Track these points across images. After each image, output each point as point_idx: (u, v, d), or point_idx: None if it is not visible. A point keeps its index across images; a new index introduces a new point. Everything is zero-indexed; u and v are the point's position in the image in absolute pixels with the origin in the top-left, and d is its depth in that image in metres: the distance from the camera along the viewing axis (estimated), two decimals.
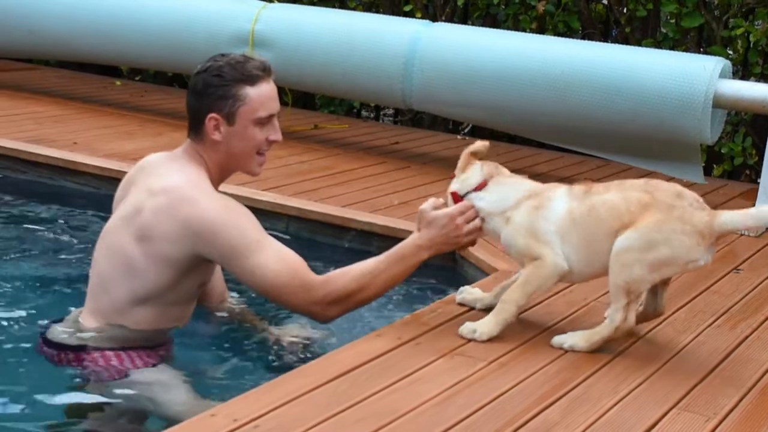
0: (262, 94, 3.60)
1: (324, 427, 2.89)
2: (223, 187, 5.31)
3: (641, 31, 7.41)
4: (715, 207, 5.76)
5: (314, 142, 7.00)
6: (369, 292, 3.63)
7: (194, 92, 3.64)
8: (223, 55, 3.65)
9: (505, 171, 3.78)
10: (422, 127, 8.10)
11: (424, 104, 6.64)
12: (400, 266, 3.65)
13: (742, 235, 5.34)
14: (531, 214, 3.56)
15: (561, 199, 3.57)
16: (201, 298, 3.93)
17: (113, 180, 5.60)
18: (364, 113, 8.67)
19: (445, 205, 3.73)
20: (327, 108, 8.42)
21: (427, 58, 6.37)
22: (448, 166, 6.47)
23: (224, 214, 3.53)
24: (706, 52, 6.87)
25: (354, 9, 8.12)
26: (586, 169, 6.74)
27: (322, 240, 5.27)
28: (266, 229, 5.27)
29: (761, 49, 6.88)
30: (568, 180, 6.32)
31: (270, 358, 3.85)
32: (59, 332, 3.70)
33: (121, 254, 3.62)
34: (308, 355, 3.83)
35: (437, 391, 3.18)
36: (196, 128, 3.65)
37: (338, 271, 3.64)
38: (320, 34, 6.70)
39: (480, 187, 3.69)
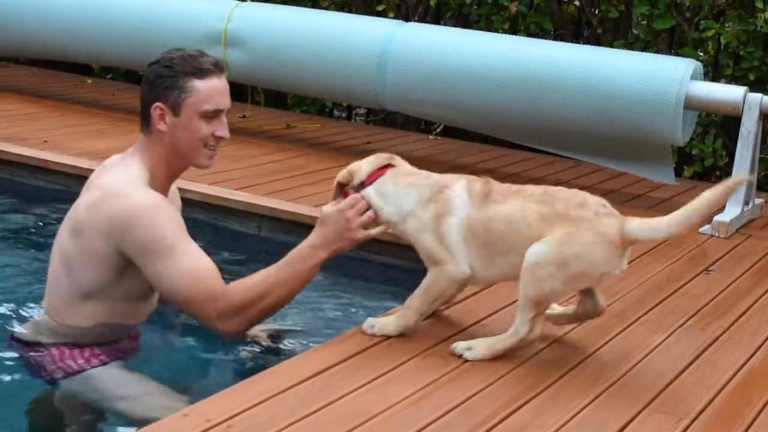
0: (210, 88, 3.58)
1: (298, 427, 2.89)
2: (195, 185, 5.34)
3: (613, 33, 7.44)
4: None
5: (287, 142, 6.98)
6: (269, 300, 3.53)
7: (145, 83, 3.64)
8: (179, 50, 3.65)
9: (401, 162, 3.72)
10: (395, 127, 8.10)
11: (396, 104, 6.64)
12: (297, 269, 3.56)
13: (712, 236, 5.37)
14: (434, 219, 3.48)
15: (461, 202, 3.47)
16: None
17: (84, 179, 5.54)
18: (336, 113, 8.66)
19: None
20: (299, 107, 8.41)
21: (400, 58, 6.37)
22: (420, 165, 6.46)
23: (145, 211, 3.50)
24: (677, 54, 6.91)
25: (327, 8, 8.11)
26: (557, 170, 6.76)
27: (294, 240, 5.25)
28: (238, 228, 5.34)
29: (732, 51, 6.92)
30: (539, 181, 6.38)
31: (243, 357, 3.84)
32: (21, 328, 3.74)
33: (61, 250, 3.66)
34: (282, 354, 3.82)
35: (410, 391, 3.19)
36: (144, 119, 3.64)
37: (236, 281, 3.56)
38: (293, 33, 6.69)
39: (372, 179, 3.62)
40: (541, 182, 6.35)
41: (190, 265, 3.49)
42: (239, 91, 7.95)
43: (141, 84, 3.67)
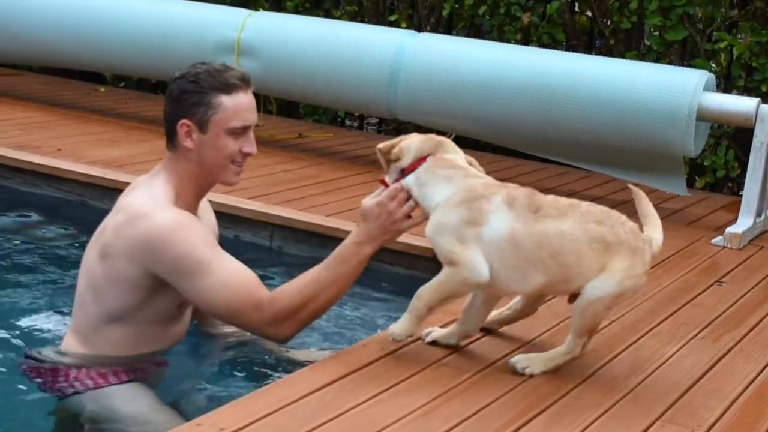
0: (237, 104, 3.52)
1: None
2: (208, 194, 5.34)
3: (625, 43, 7.43)
4: (697, 219, 5.91)
5: (299, 151, 6.99)
6: (319, 301, 3.52)
7: (170, 98, 3.58)
8: (204, 63, 3.58)
9: (452, 148, 3.54)
10: None
11: (408, 114, 6.65)
12: (344, 268, 3.53)
13: (724, 247, 5.36)
14: (463, 225, 3.33)
15: (500, 216, 3.32)
16: (201, 323, 3.94)
17: (97, 187, 5.64)
18: (347, 122, 8.67)
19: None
20: (311, 117, 8.42)
21: (412, 68, 6.38)
22: None
23: (173, 230, 3.44)
24: (689, 65, 6.91)
25: (339, 18, 8.13)
26: (569, 180, 6.76)
27: (307, 250, 5.27)
28: (251, 238, 5.34)
29: (744, 62, 6.91)
30: (550, 192, 6.36)
31: (255, 367, 3.84)
32: (41, 348, 3.69)
33: (89, 273, 3.61)
34: (294, 365, 3.82)
35: (421, 402, 3.18)
36: (170, 136, 3.58)
37: (283, 286, 3.56)
38: (306, 43, 6.71)
39: (412, 168, 3.47)
40: (553, 193, 6.34)
41: (227, 278, 3.46)
42: None
43: (165, 100, 3.60)
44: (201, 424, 2.93)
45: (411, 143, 3.50)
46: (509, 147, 6.88)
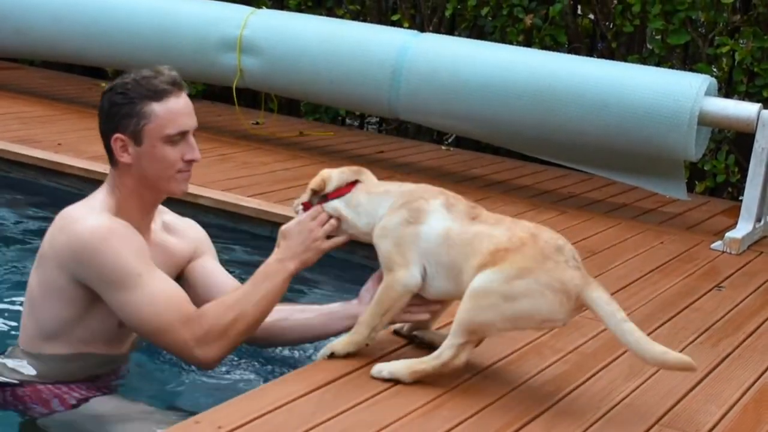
0: (169, 110, 3.35)
1: None
2: (208, 191, 5.37)
3: (627, 47, 7.44)
4: (697, 224, 5.91)
5: (299, 150, 7.00)
6: (247, 318, 3.36)
7: (101, 113, 3.42)
8: (132, 72, 3.42)
9: (370, 177, 3.54)
10: (407, 137, 8.11)
11: (410, 114, 6.65)
12: (270, 285, 3.39)
13: (724, 252, 5.37)
14: (403, 225, 3.32)
15: (439, 216, 3.31)
16: None
17: (97, 182, 5.59)
18: (348, 121, 8.67)
19: None
20: (312, 115, 8.42)
21: (414, 68, 6.38)
22: (432, 176, 6.53)
23: (103, 237, 3.29)
24: (691, 70, 6.90)
25: (342, 17, 8.13)
26: (569, 183, 6.76)
27: None
28: (250, 235, 5.34)
29: (746, 67, 6.92)
30: (551, 194, 6.39)
31: (255, 365, 3.84)
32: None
33: (28, 287, 3.50)
34: (293, 363, 3.82)
35: (422, 402, 3.19)
36: (108, 153, 3.44)
37: (209, 303, 3.40)
38: (308, 41, 6.71)
39: (337, 194, 3.47)
40: (553, 195, 6.40)
41: (156, 292, 3.31)
42: (253, 98, 7.99)
43: (98, 115, 3.44)
44: (200, 421, 2.93)
45: (331, 173, 3.51)
46: (509, 149, 6.89)
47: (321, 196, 3.49)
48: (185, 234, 3.71)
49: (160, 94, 3.36)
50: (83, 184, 5.63)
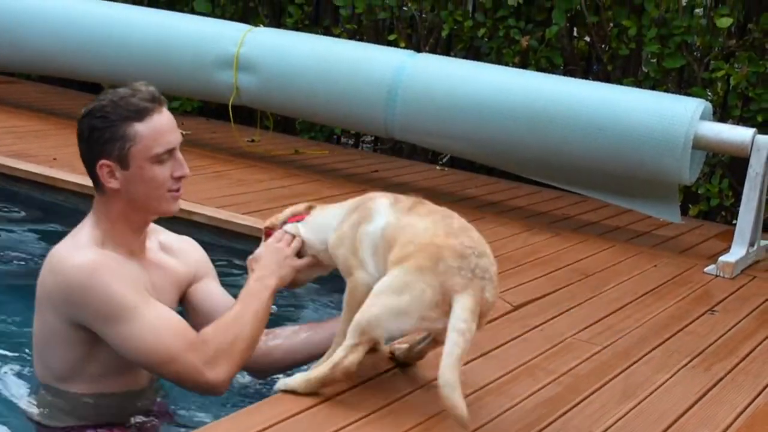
0: (154, 129, 3.24)
1: None
2: (202, 208, 5.37)
3: (622, 70, 7.46)
4: (691, 247, 5.92)
5: (294, 167, 7.00)
6: (245, 338, 3.30)
7: (81, 139, 3.30)
8: (107, 93, 3.30)
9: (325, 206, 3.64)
10: (402, 156, 8.12)
11: (405, 134, 6.66)
12: (257, 303, 3.35)
13: (717, 276, 5.37)
14: (354, 228, 3.37)
15: (383, 214, 3.36)
16: None
17: (92, 197, 5.62)
18: (343, 140, 8.68)
19: None
20: (307, 133, 8.43)
21: (410, 88, 6.39)
22: (427, 196, 6.44)
23: (91, 273, 3.18)
24: (686, 93, 6.92)
25: (339, 36, 8.15)
26: (563, 204, 6.77)
27: None
28: (246, 253, 5.32)
29: (741, 92, 6.94)
30: (545, 216, 6.39)
31: (247, 383, 3.84)
32: (32, 409, 3.45)
33: (33, 329, 3.43)
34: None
35: (415, 422, 3.19)
36: (93, 180, 3.34)
37: (207, 328, 3.31)
38: (305, 60, 6.72)
39: (296, 219, 3.59)
40: (547, 217, 6.41)
41: (158, 319, 3.23)
42: (249, 115, 8.00)
43: (78, 141, 3.33)
44: None
45: (284, 210, 3.67)
46: (504, 169, 6.90)
47: (281, 223, 3.60)
48: (186, 256, 3.65)
49: (142, 112, 3.24)
50: (78, 199, 5.65)
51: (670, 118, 5.66)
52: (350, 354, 3.20)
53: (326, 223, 3.51)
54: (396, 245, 3.24)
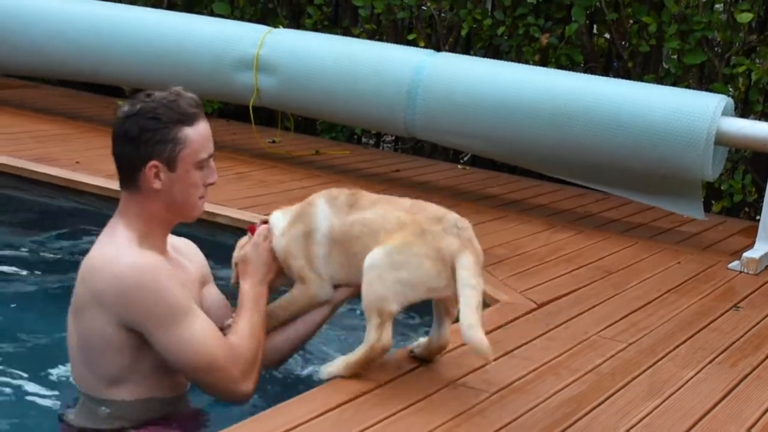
0: (201, 134, 3.32)
1: None
2: (224, 209, 5.37)
3: (643, 66, 7.43)
4: (714, 244, 5.89)
5: (315, 168, 7.00)
6: (261, 347, 3.44)
7: (127, 138, 3.29)
8: (149, 95, 3.32)
9: None
10: (423, 155, 8.12)
11: (426, 133, 6.65)
12: (261, 310, 3.48)
13: (741, 272, 5.35)
14: (302, 240, 3.53)
15: (323, 215, 3.52)
16: None
17: (115, 201, 5.62)
18: (364, 140, 8.68)
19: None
20: (328, 134, 8.44)
21: (430, 88, 6.38)
22: (448, 195, 6.53)
23: (146, 273, 3.22)
24: (707, 89, 6.89)
25: (358, 36, 8.15)
26: (586, 202, 6.75)
27: None
28: None
29: (762, 87, 6.91)
30: (568, 213, 6.38)
31: (274, 383, 3.83)
32: (76, 417, 3.45)
33: (70, 335, 3.41)
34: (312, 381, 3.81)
35: (440, 421, 3.19)
36: (131, 179, 3.33)
37: (233, 339, 3.37)
38: (324, 60, 6.72)
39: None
40: (570, 214, 6.39)
41: (207, 326, 3.30)
42: (269, 117, 8.01)
43: (117, 140, 3.34)
44: None
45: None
46: (526, 168, 6.88)
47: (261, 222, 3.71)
48: (194, 257, 3.67)
49: (191, 117, 3.31)
50: (100, 203, 5.66)
51: (691, 115, 5.64)
52: (382, 333, 3.35)
53: (279, 223, 3.64)
54: (358, 239, 3.43)
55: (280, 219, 3.64)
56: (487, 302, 4.57)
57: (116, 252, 3.27)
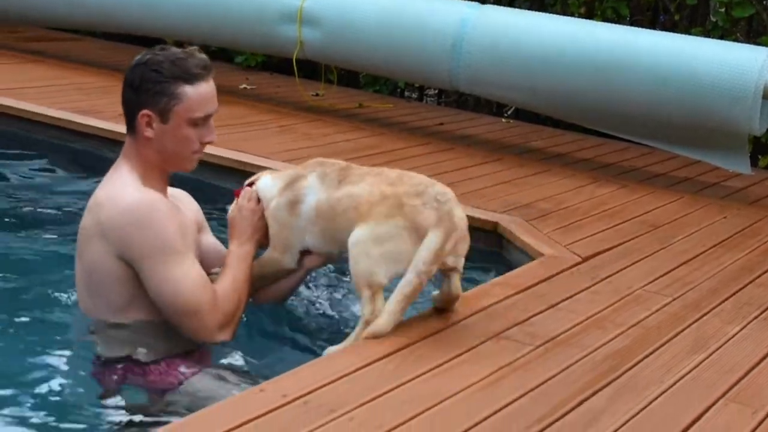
0: (200, 94, 3.43)
1: (371, 406, 2.90)
2: (269, 162, 5.39)
3: (690, 20, 7.35)
4: (760, 199, 5.84)
5: (359, 121, 6.99)
6: (241, 304, 3.55)
7: (130, 86, 3.47)
8: (163, 49, 3.47)
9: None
10: (466, 109, 8.09)
11: (470, 86, 6.62)
12: (245, 269, 3.59)
13: None
14: (288, 209, 3.61)
15: (313, 191, 3.57)
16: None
17: None
18: (407, 93, 8.66)
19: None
20: (371, 87, 8.42)
21: (474, 41, 6.34)
22: (492, 149, 6.51)
23: (151, 210, 3.37)
24: (755, 43, 6.81)
25: None
26: (630, 156, 6.71)
27: None
28: None
29: None
30: (611, 168, 6.34)
31: (318, 336, 3.84)
32: (88, 345, 3.53)
33: (77, 269, 3.54)
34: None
35: (484, 374, 3.18)
36: (130, 123, 3.50)
37: (216, 290, 3.47)
38: (368, 13, 6.69)
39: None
40: (614, 168, 6.35)
41: (196, 271, 3.42)
42: (313, 69, 7.99)
43: (124, 86, 3.50)
44: (264, 389, 2.95)
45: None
46: (570, 121, 6.84)
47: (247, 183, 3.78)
48: (189, 205, 3.78)
49: (193, 77, 3.43)
50: None
51: (739, 68, 5.58)
52: (374, 304, 3.37)
53: (270, 189, 3.68)
54: (343, 213, 3.46)
55: (269, 184, 3.69)
56: (530, 255, 4.58)
57: (121, 188, 3.42)
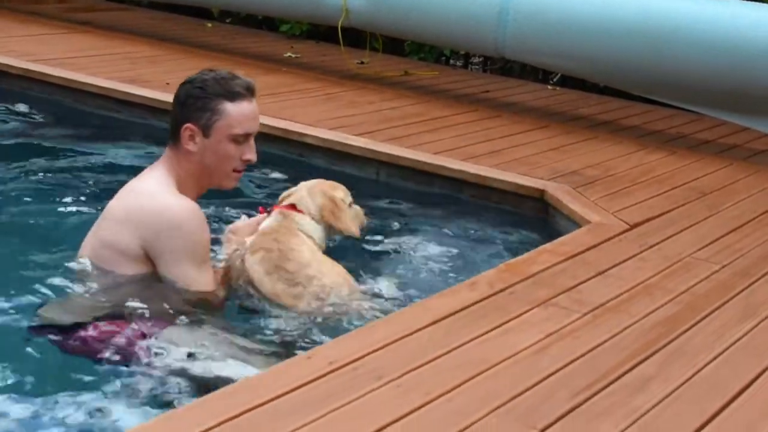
0: (241, 112, 3.60)
1: (420, 372, 2.90)
2: (314, 130, 5.40)
3: None
4: None
5: (405, 89, 6.98)
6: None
7: (177, 102, 3.66)
8: (211, 71, 3.68)
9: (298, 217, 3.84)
10: (512, 76, 8.04)
11: (516, 53, 6.58)
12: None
13: None
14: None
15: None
16: None
17: None
18: (452, 61, 8.62)
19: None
20: (416, 54, 8.39)
21: (521, 7, 6.30)
22: (538, 116, 6.48)
23: (190, 218, 3.54)
24: None
25: None
26: (678, 123, 6.65)
27: (412, 186, 5.26)
28: (357, 174, 5.35)
29: None
30: (658, 135, 6.29)
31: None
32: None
33: (95, 251, 3.66)
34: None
35: (531, 341, 3.17)
36: (174, 136, 3.65)
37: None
38: None
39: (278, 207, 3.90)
40: (662, 135, 6.30)
41: (210, 276, 3.64)
42: (357, 37, 7.98)
43: (173, 103, 3.69)
44: (311, 357, 2.96)
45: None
46: (617, 88, 6.79)
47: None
48: None
49: (235, 96, 3.60)
50: None
51: None
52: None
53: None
54: None
55: (306, 224, 3.81)
56: (577, 223, 4.55)
57: (158, 186, 3.60)
